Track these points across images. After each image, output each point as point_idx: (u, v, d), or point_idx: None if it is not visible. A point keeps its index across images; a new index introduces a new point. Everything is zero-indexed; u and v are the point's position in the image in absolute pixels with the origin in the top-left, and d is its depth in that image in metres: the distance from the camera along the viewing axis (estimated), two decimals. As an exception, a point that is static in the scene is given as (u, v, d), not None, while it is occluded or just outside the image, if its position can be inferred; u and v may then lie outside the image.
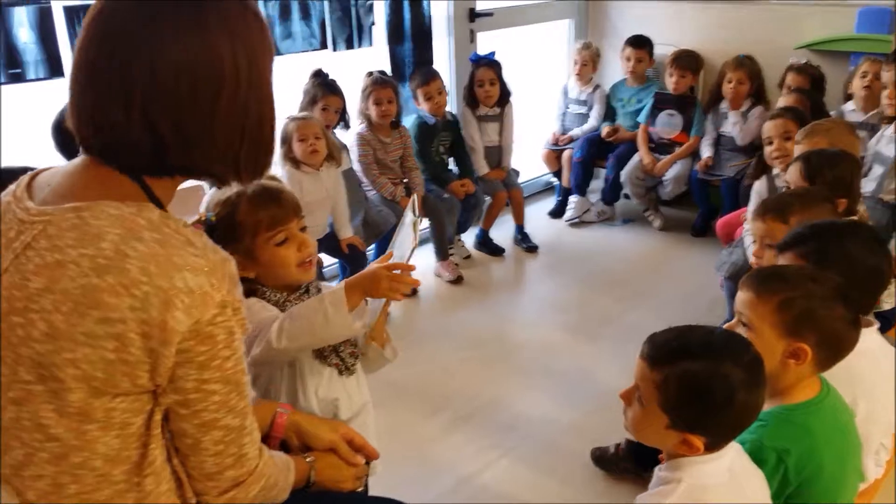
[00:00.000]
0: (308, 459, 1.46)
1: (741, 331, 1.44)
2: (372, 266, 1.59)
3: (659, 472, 1.28)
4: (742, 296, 1.44)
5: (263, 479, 1.15)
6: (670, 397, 1.20)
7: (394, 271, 1.54)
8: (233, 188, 1.64)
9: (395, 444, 2.60)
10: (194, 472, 1.09)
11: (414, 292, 3.68)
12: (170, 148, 1.01)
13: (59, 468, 1.00)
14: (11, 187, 1.08)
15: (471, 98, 4.10)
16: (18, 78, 2.89)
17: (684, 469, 1.23)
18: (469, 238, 4.22)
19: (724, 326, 1.48)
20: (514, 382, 2.99)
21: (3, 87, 2.83)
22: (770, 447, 1.36)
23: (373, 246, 3.69)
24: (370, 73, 3.66)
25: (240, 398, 1.07)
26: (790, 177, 2.38)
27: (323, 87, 3.42)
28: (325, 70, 3.48)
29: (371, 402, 1.85)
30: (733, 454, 1.26)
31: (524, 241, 4.23)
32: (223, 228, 1.60)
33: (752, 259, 2.29)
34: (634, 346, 1.31)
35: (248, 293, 1.65)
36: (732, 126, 4.11)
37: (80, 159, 1.06)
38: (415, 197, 1.73)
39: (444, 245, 3.86)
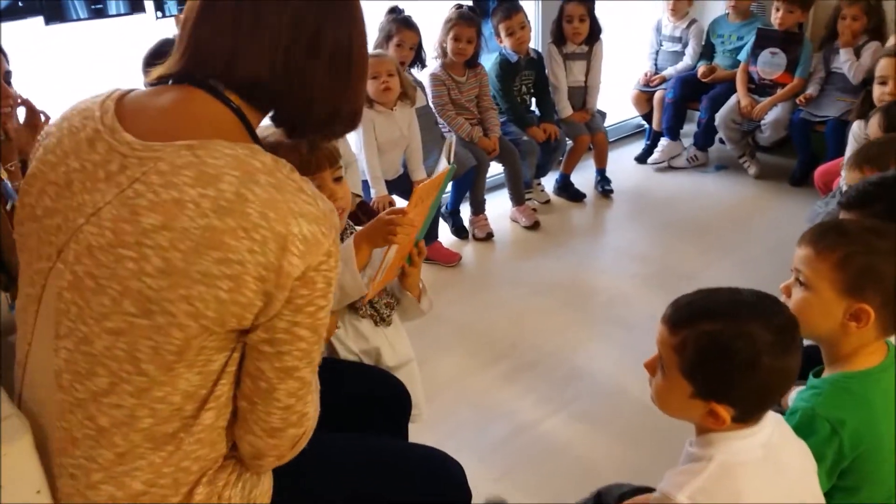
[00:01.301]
0: None
1: (798, 290, 1.31)
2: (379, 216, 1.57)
3: (689, 447, 1.18)
4: (800, 252, 1.31)
5: (308, 438, 1.14)
6: (689, 360, 1.10)
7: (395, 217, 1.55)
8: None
9: (457, 387, 2.60)
10: (258, 426, 1.07)
11: (489, 236, 3.62)
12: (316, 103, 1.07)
13: (140, 401, 1.00)
14: (93, 111, 1.05)
15: (558, 34, 3.92)
16: (100, 13, 2.94)
17: (715, 445, 1.13)
18: (549, 182, 4.09)
19: (781, 286, 1.35)
20: (583, 333, 2.90)
21: (87, 21, 2.88)
22: (823, 417, 1.24)
23: (449, 187, 3.62)
24: (459, 6, 3.55)
25: (318, 353, 1.07)
26: (870, 129, 2.15)
27: (398, 23, 3.33)
28: (400, 7, 3.39)
29: (415, 360, 1.82)
30: (771, 430, 1.15)
31: (601, 184, 4.07)
32: None
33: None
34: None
35: None
36: (843, 64, 3.79)
37: (177, 92, 1.04)
38: (452, 140, 1.66)
39: (518, 190, 3.75)
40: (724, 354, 1.08)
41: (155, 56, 2.36)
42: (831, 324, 1.28)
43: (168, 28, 2.89)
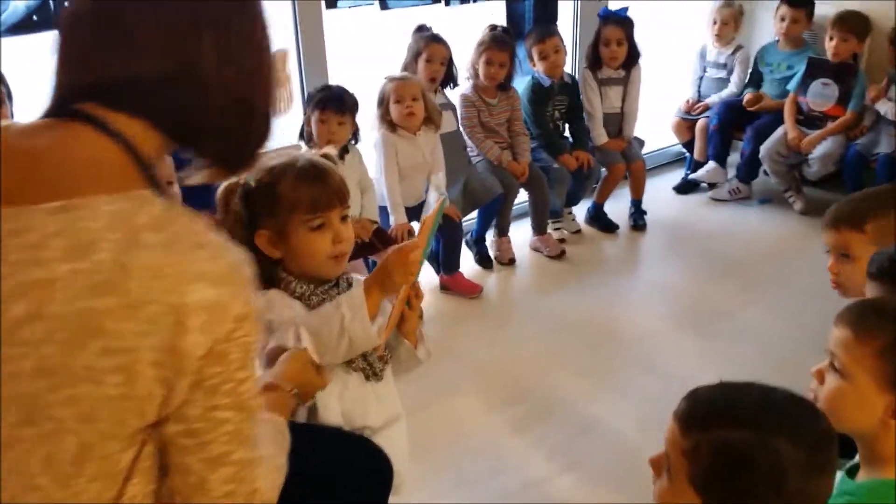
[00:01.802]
0: (293, 392, 1.34)
1: (832, 377, 1.13)
2: (384, 256, 1.44)
3: None
4: (836, 332, 1.13)
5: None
6: (701, 470, 0.93)
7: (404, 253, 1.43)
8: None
9: (464, 432, 2.46)
10: None
11: (511, 262, 3.47)
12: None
13: None
14: None
15: (594, 58, 3.75)
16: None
17: None
18: (581, 211, 3.91)
19: (813, 370, 1.18)
20: (604, 377, 2.72)
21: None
22: (857, 530, 1.07)
23: (474, 214, 3.47)
24: (493, 28, 3.40)
25: (253, 425, 0.92)
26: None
27: (426, 39, 3.20)
28: (428, 25, 3.27)
29: (404, 416, 1.67)
30: None
31: (634, 216, 3.88)
32: (261, 197, 1.50)
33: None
34: (749, 347, 1.06)
35: (271, 281, 1.50)
36: (886, 115, 3.58)
37: (54, 129, 0.87)
38: (440, 174, 1.53)
39: (542, 219, 3.58)
40: (742, 470, 0.92)
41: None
42: (870, 420, 1.11)
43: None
